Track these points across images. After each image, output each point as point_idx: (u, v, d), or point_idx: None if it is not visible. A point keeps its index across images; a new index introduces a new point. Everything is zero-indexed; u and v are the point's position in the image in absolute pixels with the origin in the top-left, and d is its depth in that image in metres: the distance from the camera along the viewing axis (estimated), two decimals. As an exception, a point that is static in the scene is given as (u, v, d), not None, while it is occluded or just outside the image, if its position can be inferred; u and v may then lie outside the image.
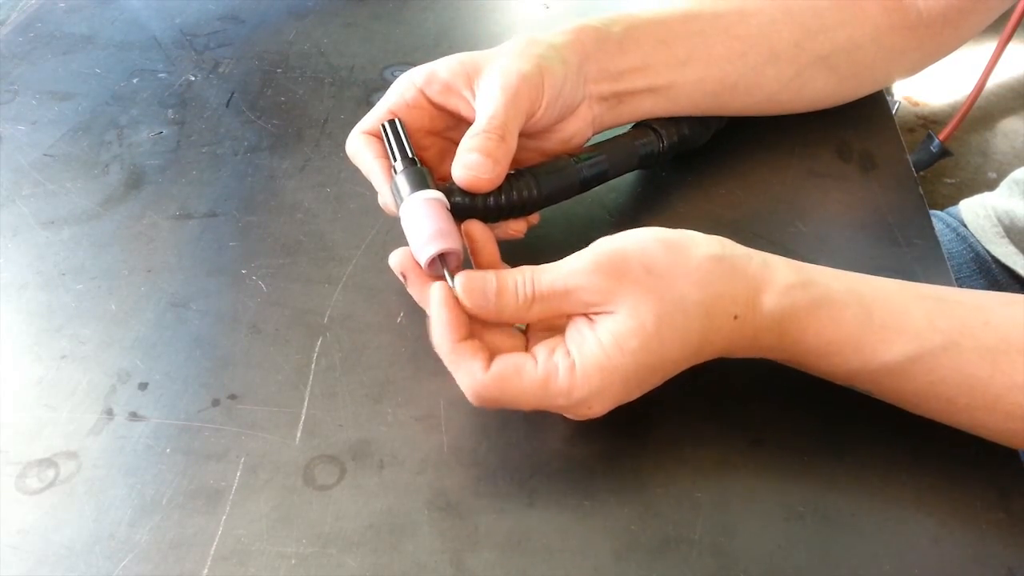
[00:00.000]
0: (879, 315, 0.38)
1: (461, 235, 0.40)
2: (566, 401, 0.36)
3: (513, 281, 0.37)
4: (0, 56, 0.65)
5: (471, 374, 0.36)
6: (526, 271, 0.37)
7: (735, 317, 0.38)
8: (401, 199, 0.40)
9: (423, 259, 0.38)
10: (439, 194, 0.40)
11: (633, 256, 0.37)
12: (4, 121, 0.59)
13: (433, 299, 0.37)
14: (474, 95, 0.43)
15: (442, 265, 0.39)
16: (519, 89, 0.41)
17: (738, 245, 0.39)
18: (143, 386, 0.43)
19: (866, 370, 0.38)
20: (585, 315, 0.37)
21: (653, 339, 0.36)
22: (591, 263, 0.37)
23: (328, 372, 0.44)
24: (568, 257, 0.37)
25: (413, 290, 0.40)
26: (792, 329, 0.38)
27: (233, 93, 0.61)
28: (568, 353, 0.36)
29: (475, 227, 0.41)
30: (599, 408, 0.37)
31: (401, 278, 0.40)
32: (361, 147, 0.44)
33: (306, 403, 0.42)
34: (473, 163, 0.40)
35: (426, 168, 0.41)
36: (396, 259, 0.40)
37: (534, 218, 0.45)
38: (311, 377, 0.43)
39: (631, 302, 0.36)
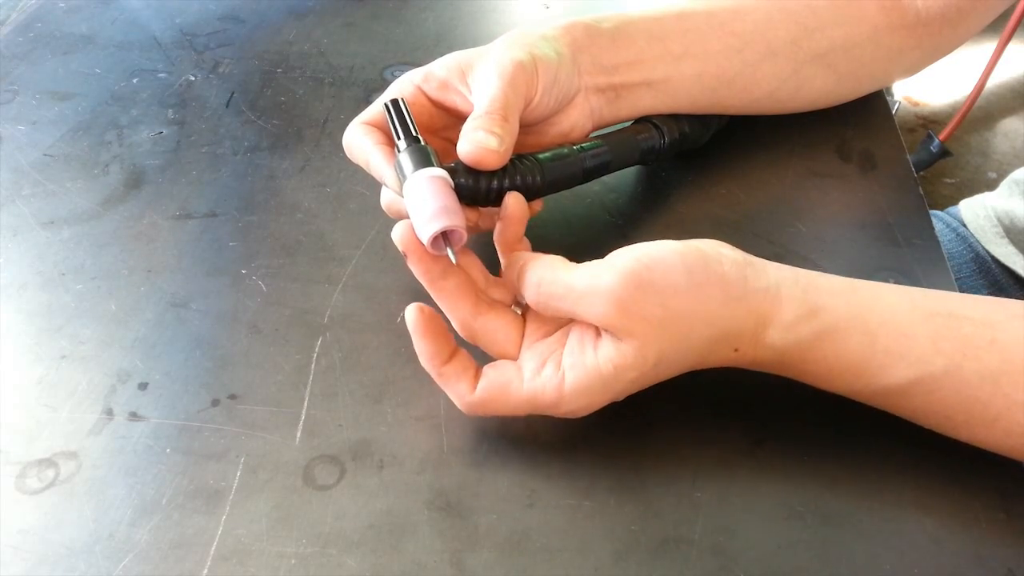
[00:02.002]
0: (883, 341, 0.38)
1: (464, 214, 0.40)
2: (554, 411, 0.38)
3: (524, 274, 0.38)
4: (0, 56, 0.65)
5: (459, 395, 0.39)
6: (535, 262, 0.38)
7: (736, 350, 0.38)
8: (404, 177, 0.40)
9: (426, 236, 0.38)
10: (444, 172, 0.40)
11: (655, 287, 0.36)
12: (4, 121, 0.59)
13: (411, 326, 0.38)
14: (470, 90, 0.43)
15: (445, 244, 0.38)
16: (515, 74, 0.42)
17: (760, 270, 0.38)
18: (143, 386, 0.43)
19: (866, 392, 0.39)
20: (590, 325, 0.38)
21: (650, 371, 0.37)
22: (610, 292, 0.36)
23: (328, 372, 0.44)
24: (588, 268, 0.37)
25: (415, 268, 0.40)
26: (793, 360, 0.39)
27: (233, 93, 0.61)
28: (559, 367, 0.37)
29: (515, 200, 0.41)
30: (584, 414, 0.39)
31: (401, 252, 0.39)
32: (360, 135, 0.43)
33: (306, 403, 0.42)
34: (480, 139, 0.40)
35: (431, 147, 0.41)
36: (398, 234, 0.39)
37: (537, 205, 0.45)
38: (311, 377, 0.43)
39: (639, 340, 0.36)
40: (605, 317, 0.36)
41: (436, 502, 0.39)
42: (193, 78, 0.63)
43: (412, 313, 0.38)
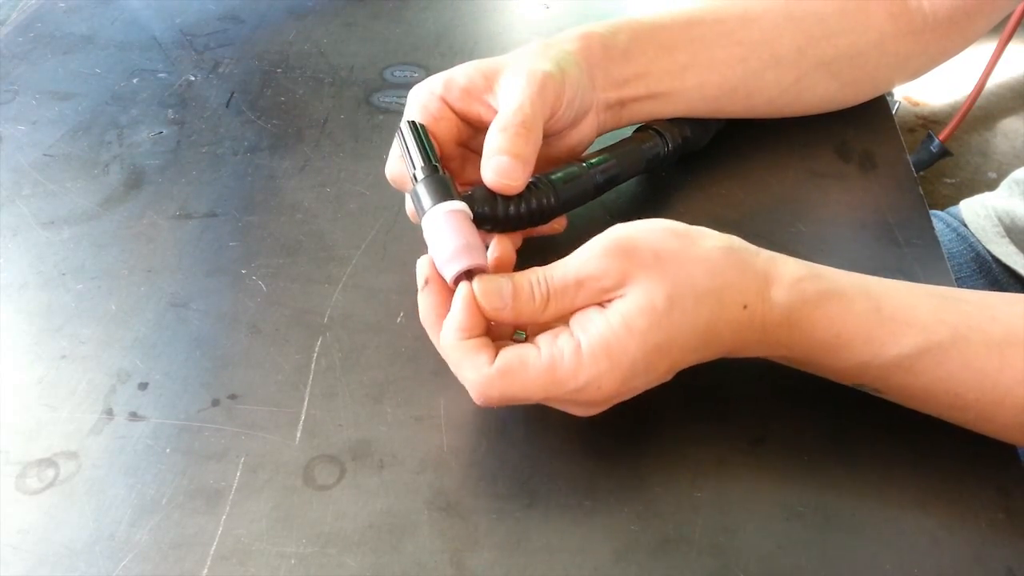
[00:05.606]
0: (888, 309, 0.38)
1: (484, 247, 0.39)
2: (574, 384, 0.36)
3: (527, 282, 0.37)
4: (0, 56, 0.65)
5: (476, 368, 0.36)
6: (537, 271, 0.37)
7: (744, 307, 0.37)
8: (423, 210, 0.39)
9: (449, 275, 0.38)
10: (463, 204, 0.39)
11: (642, 242, 0.37)
12: (4, 121, 0.59)
13: (462, 297, 0.37)
14: (496, 98, 0.43)
15: (468, 280, 0.38)
16: (545, 84, 0.41)
17: (745, 241, 0.40)
18: (143, 386, 0.43)
19: (875, 364, 0.38)
20: (597, 303, 0.37)
21: (663, 319, 0.36)
22: (601, 248, 0.37)
23: (328, 372, 0.44)
24: (576, 251, 0.37)
25: (428, 298, 0.39)
26: (802, 322, 0.38)
27: (233, 93, 0.61)
28: (572, 335, 0.36)
29: (504, 246, 0.40)
30: (608, 388, 0.36)
31: (422, 282, 0.39)
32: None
33: (306, 403, 0.42)
34: (503, 169, 0.40)
35: (448, 175, 0.40)
36: (424, 264, 0.39)
37: (559, 225, 0.46)
38: (311, 377, 0.43)
39: (642, 284, 0.36)
40: (602, 270, 0.36)
41: (436, 502, 0.39)
42: (193, 78, 0.63)
43: (466, 286, 0.37)
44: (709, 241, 0.38)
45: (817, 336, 0.38)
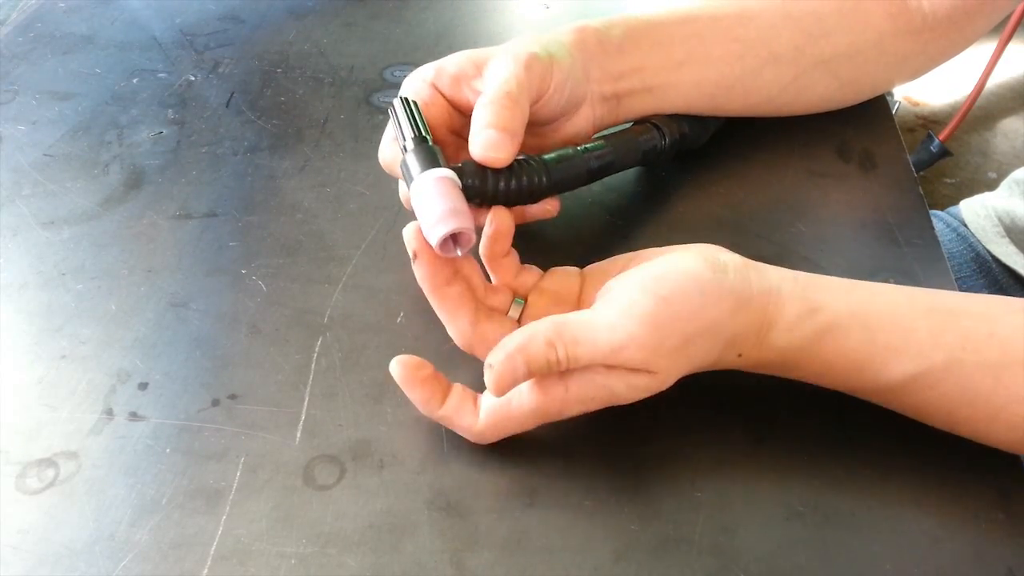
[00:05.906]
0: (883, 336, 0.38)
1: (472, 216, 0.39)
2: (560, 417, 0.38)
3: (544, 357, 0.36)
4: (0, 56, 0.65)
5: (467, 429, 0.39)
6: (553, 337, 0.36)
7: (739, 355, 0.39)
8: (411, 178, 0.39)
9: (435, 239, 0.37)
10: (451, 172, 0.39)
11: (676, 321, 0.36)
12: (4, 121, 0.59)
13: (400, 380, 0.38)
14: (484, 82, 0.43)
15: (454, 245, 0.38)
16: (530, 63, 0.42)
17: (762, 271, 0.39)
18: (143, 386, 0.43)
19: (868, 388, 0.39)
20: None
21: (663, 386, 0.38)
22: (633, 341, 0.36)
23: (328, 372, 0.44)
24: (603, 316, 0.37)
25: (422, 270, 0.39)
26: (795, 360, 0.39)
27: (233, 93, 0.61)
28: (562, 375, 0.37)
29: (502, 215, 0.41)
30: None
31: (411, 256, 0.39)
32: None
33: (306, 403, 0.42)
34: (490, 141, 0.40)
35: (437, 147, 0.41)
36: (410, 234, 0.39)
37: (553, 208, 0.45)
38: (311, 377, 0.43)
39: (660, 374, 0.37)
40: (631, 364, 0.36)
41: (436, 502, 0.38)
42: (193, 78, 0.63)
43: (396, 368, 0.38)
44: (728, 303, 0.37)
45: (810, 368, 0.39)
